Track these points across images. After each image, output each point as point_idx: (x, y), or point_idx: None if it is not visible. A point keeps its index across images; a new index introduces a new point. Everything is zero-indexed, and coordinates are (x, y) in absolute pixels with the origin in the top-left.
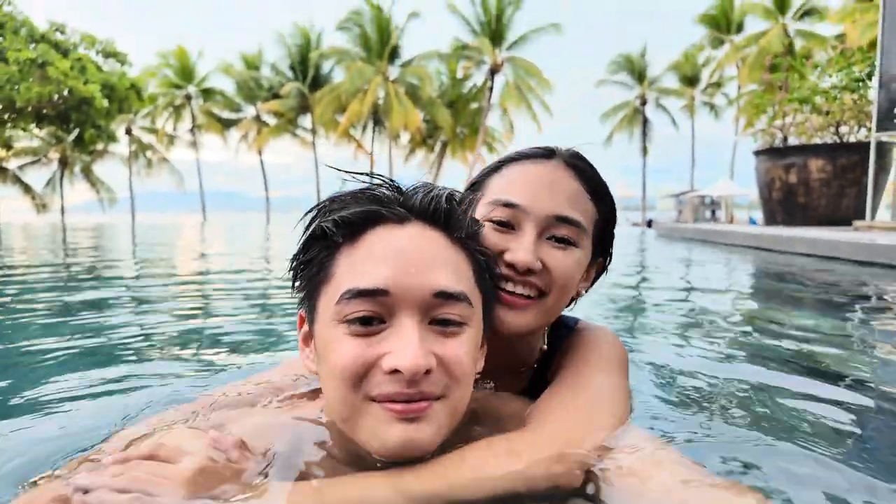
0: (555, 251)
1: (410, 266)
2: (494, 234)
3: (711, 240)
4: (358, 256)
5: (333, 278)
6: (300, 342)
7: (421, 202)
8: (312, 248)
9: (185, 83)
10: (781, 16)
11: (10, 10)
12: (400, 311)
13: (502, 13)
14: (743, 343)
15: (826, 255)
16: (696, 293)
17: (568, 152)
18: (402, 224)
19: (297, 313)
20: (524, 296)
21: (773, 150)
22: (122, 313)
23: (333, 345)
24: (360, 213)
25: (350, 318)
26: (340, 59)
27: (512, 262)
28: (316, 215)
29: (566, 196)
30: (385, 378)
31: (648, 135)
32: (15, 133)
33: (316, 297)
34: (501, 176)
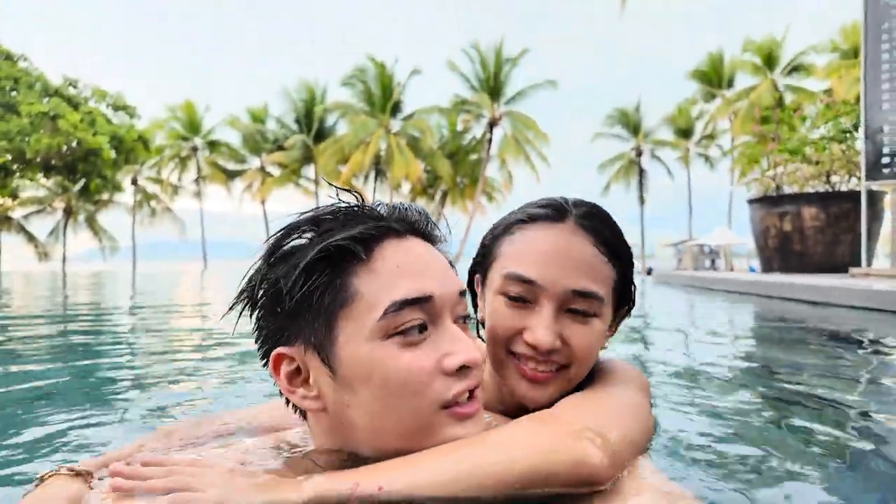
0: (575, 326)
1: (438, 273)
2: (511, 311)
3: (710, 286)
4: (382, 272)
5: (359, 297)
6: (284, 382)
7: (411, 217)
8: (318, 272)
9: (191, 135)
10: (770, 71)
11: (26, 65)
12: (441, 315)
13: (500, 70)
14: (744, 386)
15: (824, 302)
16: (696, 337)
17: (580, 210)
18: (405, 237)
19: (273, 354)
20: (546, 371)
21: (767, 198)
22: (117, 357)
23: (387, 361)
24: (376, 229)
25: (403, 328)
26: (344, 112)
27: (533, 343)
28: (286, 238)
29: (583, 266)
30: (450, 379)
31: (645, 185)
32: (22, 183)
33: (332, 321)
34: (513, 242)
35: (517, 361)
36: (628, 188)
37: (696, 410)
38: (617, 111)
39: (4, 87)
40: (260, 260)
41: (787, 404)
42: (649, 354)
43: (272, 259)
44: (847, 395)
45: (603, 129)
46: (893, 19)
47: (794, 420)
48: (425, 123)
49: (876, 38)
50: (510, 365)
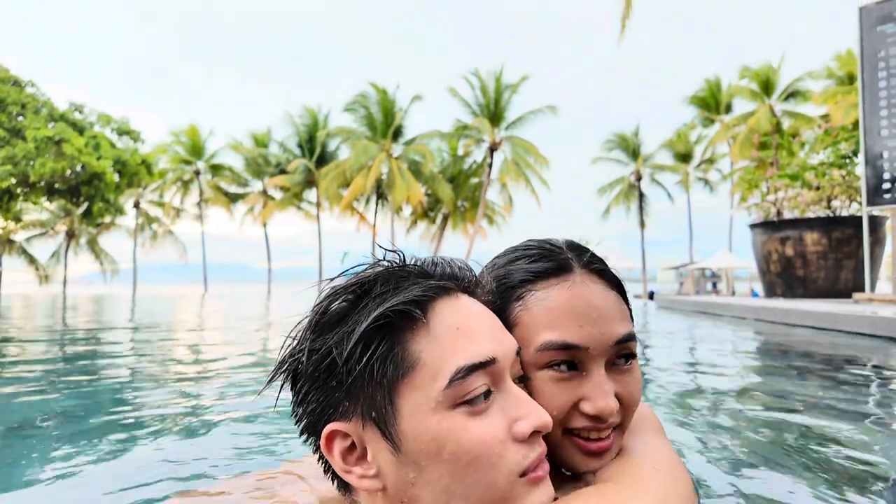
0: (623, 378)
1: (494, 333)
2: (559, 385)
3: (713, 312)
4: (442, 336)
5: (421, 365)
6: (339, 461)
7: (457, 273)
8: (376, 340)
9: (194, 159)
10: (767, 97)
11: (34, 91)
12: (503, 377)
13: (500, 97)
14: (748, 413)
15: (832, 328)
16: (700, 364)
17: (584, 258)
18: (456, 296)
19: (326, 431)
20: (608, 438)
21: (769, 223)
22: (113, 385)
23: (457, 433)
24: (433, 290)
25: (472, 396)
26: (346, 137)
27: (597, 414)
28: (331, 308)
29: (615, 313)
30: (524, 446)
31: (645, 209)
32: (25, 206)
33: (392, 393)
34: (529, 309)
35: (577, 438)
36: (628, 212)
37: (700, 437)
38: (616, 136)
39: (11, 112)
40: (303, 328)
41: (793, 433)
42: (655, 380)
43: (317, 326)
44: (854, 424)
45: (602, 153)
46: (889, 47)
47: (799, 447)
48: (426, 148)
49: (872, 66)
50: (568, 444)
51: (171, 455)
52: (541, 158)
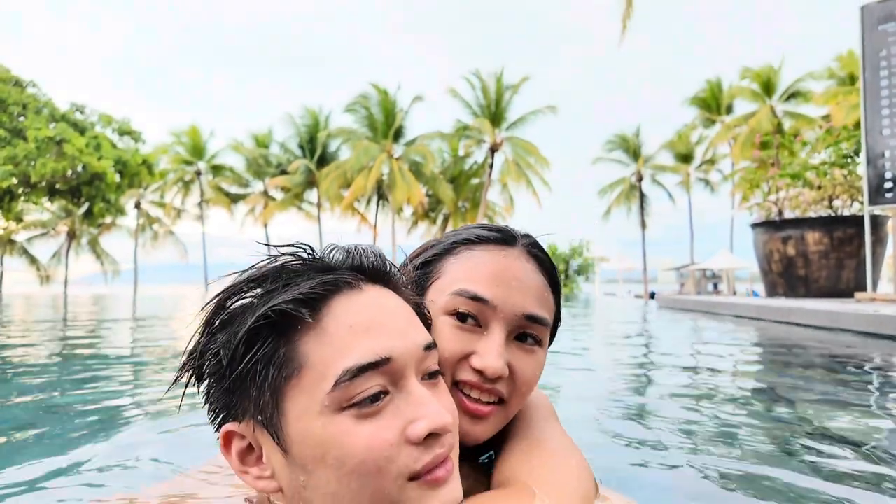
0: (522, 355)
1: (396, 328)
2: (457, 333)
3: (715, 311)
4: (334, 335)
5: (309, 367)
6: (236, 461)
7: (369, 265)
8: (260, 341)
9: (195, 159)
10: (768, 97)
11: (35, 91)
12: (402, 376)
13: (501, 97)
14: (751, 413)
15: (834, 327)
16: (702, 364)
17: (527, 240)
18: (360, 289)
19: (222, 431)
20: (487, 403)
21: (770, 223)
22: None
23: (341, 437)
24: (323, 286)
25: (359, 399)
26: (347, 138)
27: (481, 369)
28: (227, 302)
29: (535, 292)
30: (417, 449)
31: (646, 209)
32: (26, 206)
33: (279, 397)
34: (459, 260)
35: (461, 393)
36: (629, 212)
37: (702, 437)
38: (617, 136)
39: (13, 112)
40: (201, 327)
41: (794, 432)
42: (657, 380)
43: (214, 326)
44: (856, 423)
45: (603, 154)
46: (891, 46)
47: (800, 448)
48: (427, 148)
49: (874, 66)
50: (453, 397)
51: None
52: (541, 159)
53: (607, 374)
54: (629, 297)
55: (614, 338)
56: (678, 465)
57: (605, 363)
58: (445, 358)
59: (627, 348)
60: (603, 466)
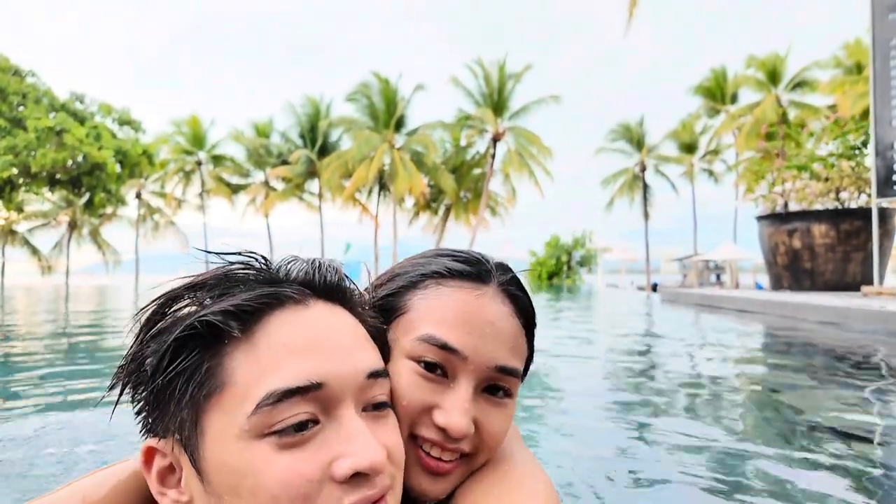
0: (491, 410)
1: (337, 351)
2: (420, 383)
3: (718, 305)
4: (264, 352)
5: (232, 384)
6: (154, 481)
7: (321, 278)
8: (185, 352)
9: (196, 149)
10: (774, 87)
11: (34, 81)
12: (336, 405)
13: (503, 86)
14: (755, 410)
15: (840, 323)
16: (705, 359)
17: (503, 276)
18: (305, 305)
19: (144, 447)
20: (449, 460)
21: (776, 215)
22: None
23: (257, 469)
24: (258, 298)
25: (280, 426)
26: (348, 128)
27: (444, 427)
28: (166, 308)
29: (508, 339)
30: (341, 489)
31: (649, 200)
32: (27, 197)
33: (198, 415)
34: (427, 297)
35: (418, 448)
36: (632, 203)
37: (705, 433)
38: (620, 126)
39: (12, 102)
40: (137, 332)
41: (799, 428)
42: (660, 375)
43: (148, 333)
44: (860, 419)
45: (606, 143)
46: None
47: (803, 442)
48: (429, 138)
49: (884, 55)
50: (409, 453)
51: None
52: (544, 149)
53: (608, 369)
54: (632, 288)
55: (615, 335)
56: (677, 462)
57: (606, 358)
58: (404, 407)
59: (628, 343)
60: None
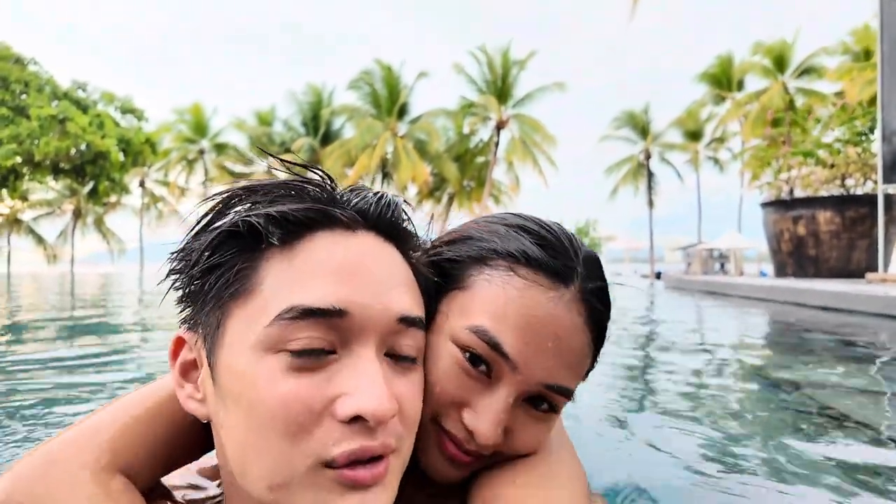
0: (528, 421)
1: (373, 284)
2: (459, 375)
3: (722, 292)
4: (298, 267)
5: (259, 292)
6: (176, 374)
7: (375, 208)
8: (223, 249)
9: (198, 138)
10: (780, 74)
11: (36, 69)
12: (357, 340)
13: (507, 73)
14: (759, 396)
15: (845, 309)
16: (709, 346)
17: (589, 283)
18: (353, 231)
19: (175, 336)
20: (473, 457)
21: (781, 202)
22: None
23: (261, 383)
24: (305, 212)
25: (293, 346)
26: (351, 116)
27: (471, 430)
28: (225, 206)
29: (571, 359)
30: (340, 430)
31: (654, 188)
32: (32, 185)
33: (223, 315)
34: (493, 281)
35: (441, 434)
36: (637, 192)
37: (707, 418)
38: (625, 113)
39: (14, 90)
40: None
41: (803, 415)
42: (663, 362)
43: (203, 225)
44: (864, 405)
45: (611, 131)
46: None
47: (808, 429)
48: (432, 126)
49: (892, 40)
50: (430, 433)
51: None
52: (548, 137)
53: (609, 353)
54: (635, 276)
55: (618, 321)
56: (683, 447)
57: (607, 342)
58: (435, 394)
59: (631, 328)
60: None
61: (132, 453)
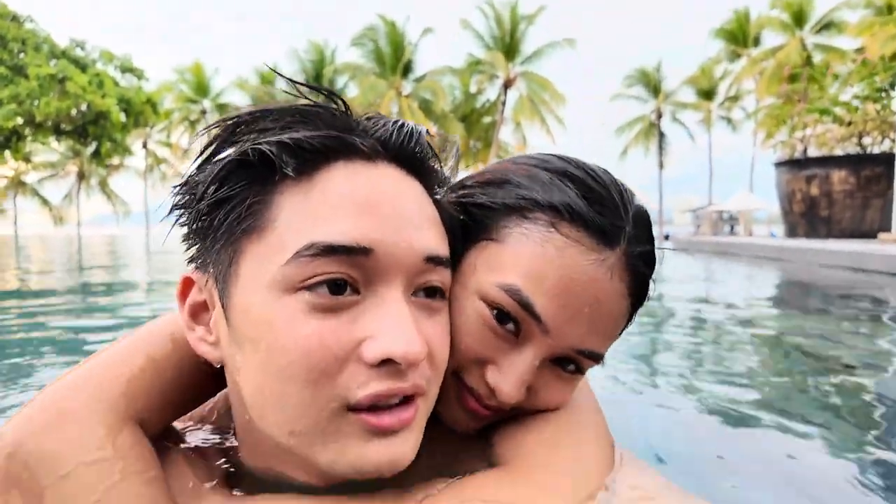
0: (552, 381)
1: (398, 220)
2: (485, 333)
3: (731, 252)
4: (316, 200)
5: (273, 227)
6: (186, 317)
7: (396, 138)
8: (232, 181)
9: (200, 98)
10: (799, 29)
11: (33, 27)
12: (381, 280)
13: (516, 28)
14: (769, 356)
15: (858, 268)
16: (716, 306)
17: (636, 246)
18: (373, 162)
19: (182, 276)
20: (493, 409)
21: (794, 161)
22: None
23: (279, 325)
24: (322, 139)
25: (313, 283)
26: (354, 74)
27: (493, 388)
28: (231, 134)
29: (607, 325)
30: (367, 373)
31: (665, 149)
32: (35, 147)
33: (235, 253)
34: (530, 236)
35: (462, 387)
36: (647, 152)
37: (717, 376)
38: (637, 71)
39: (12, 49)
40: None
41: (817, 374)
42: (672, 325)
43: (208, 154)
44: (880, 366)
45: (622, 89)
46: None
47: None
48: (438, 85)
49: None
50: (450, 385)
51: None
52: (557, 95)
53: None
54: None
55: None
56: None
57: None
58: (458, 350)
59: None
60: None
61: (145, 401)
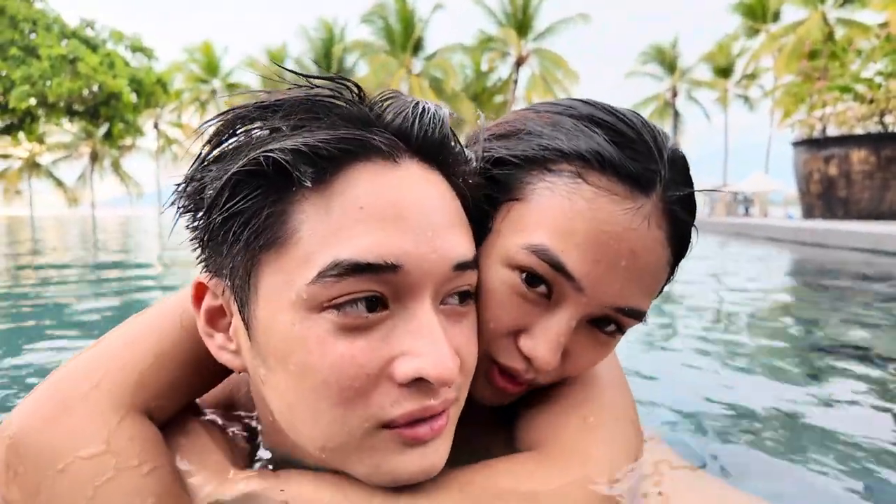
0: (589, 344)
1: (425, 228)
2: (515, 301)
3: (747, 233)
4: (337, 211)
5: (294, 241)
6: (202, 323)
7: (419, 128)
8: (246, 190)
9: (210, 77)
10: (821, 3)
11: (43, 6)
12: (410, 294)
13: (528, 4)
14: (784, 337)
15: (877, 250)
16: (731, 288)
17: (673, 191)
18: (395, 162)
19: (195, 281)
20: (522, 386)
21: (813, 141)
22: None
23: (310, 346)
24: (339, 142)
25: (344, 300)
26: (364, 52)
27: (527, 355)
28: (236, 132)
29: (646, 278)
30: (398, 391)
31: (680, 128)
32: (48, 128)
33: (253, 265)
34: (556, 189)
35: (491, 365)
36: None
37: (732, 360)
38: (652, 48)
39: (23, 29)
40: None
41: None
42: (688, 307)
43: (210, 154)
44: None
45: (637, 67)
46: None
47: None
48: (448, 63)
49: None
50: (480, 363)
51: None
52: (570, 73)
53: None
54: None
55: None
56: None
57: None
58: (489, 329)
59: None
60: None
61: (154, 388)
